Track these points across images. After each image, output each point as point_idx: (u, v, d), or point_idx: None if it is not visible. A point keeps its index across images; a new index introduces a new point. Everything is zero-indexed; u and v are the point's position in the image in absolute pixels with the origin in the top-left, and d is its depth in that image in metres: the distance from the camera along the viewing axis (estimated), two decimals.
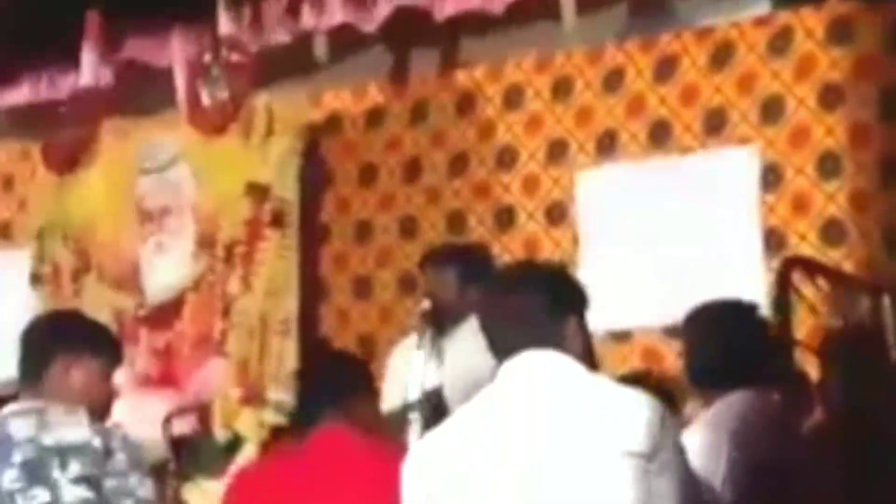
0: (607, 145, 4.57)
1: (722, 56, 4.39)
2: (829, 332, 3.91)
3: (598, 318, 4.33)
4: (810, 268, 3.94)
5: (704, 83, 4.40)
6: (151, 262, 5.25)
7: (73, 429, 3.02)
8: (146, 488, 3.05)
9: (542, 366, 2.51)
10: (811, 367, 3.84)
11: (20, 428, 3.05)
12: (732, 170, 4.27)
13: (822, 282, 3.92)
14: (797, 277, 3.85)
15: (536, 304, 2.53)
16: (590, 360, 2.62)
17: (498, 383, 2.53)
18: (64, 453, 2.98)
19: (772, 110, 4.27)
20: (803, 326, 3.85)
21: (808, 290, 3.89)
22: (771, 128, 4.26)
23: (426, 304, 3.90)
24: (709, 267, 4.17)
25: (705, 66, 4.41)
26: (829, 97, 4.18)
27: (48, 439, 3.00)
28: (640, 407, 2.45)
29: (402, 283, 4.80)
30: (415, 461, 2.57)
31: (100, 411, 3.20)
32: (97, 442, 3.00)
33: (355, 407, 3.17)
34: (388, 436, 3.38)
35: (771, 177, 4.23)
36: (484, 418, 2.52)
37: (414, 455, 2.59)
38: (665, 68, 4.49)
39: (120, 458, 3.02)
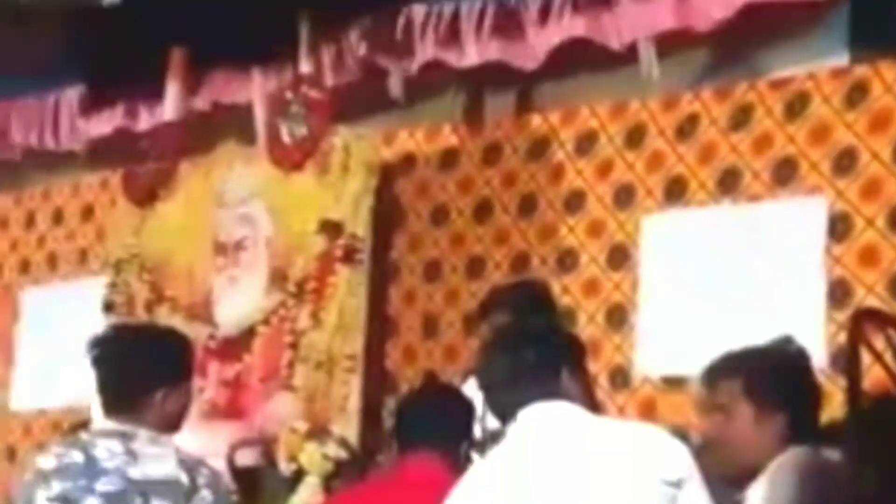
0: (676, 191, 4.56)
1: (796, 106, 4.37)
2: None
3: (654, 364, 4.44)
4: (883, 321, 3.88)
5: (777, 133, 4.38)
6: (224, 294, 5.32)
7: (160, 463, 3.03)
8: None
9: (554, 416, 2.61)
10: None
11: (107, 454, 3.07)
12: (800, 219, 4.25)
13: (894, 334, 3.85)
14: (868, 330, 3.79)
15: (528, 362, 2.66)
16: (590, 404, 2.71)
17: (518, 433, 2.62)
18: (148, 489, 2.99)
19: (844, 162, 4.23)
20: (868, 379, 3.80)
21: (879, 343, 3.83)
22: (842, 179, 4.22)
23: None
24: (770, 316, 4.12)
25: (779, 116, 4.40)
26: None
27: (135, 472, 3.01)
28: (665, 439, 2.58)
29: (467, 323, 4.81)
30: None
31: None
32: (183, 478, 3.01)
33: (458, 446, 3.20)
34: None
35: (840, 227, 4.19)
36: (511, 469, 2.60)
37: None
38: (739, 117, 4.49)
39: (204, 495, 3.02)
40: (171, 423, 3.20)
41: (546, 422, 2.60)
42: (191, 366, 3.32)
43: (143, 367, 3.18)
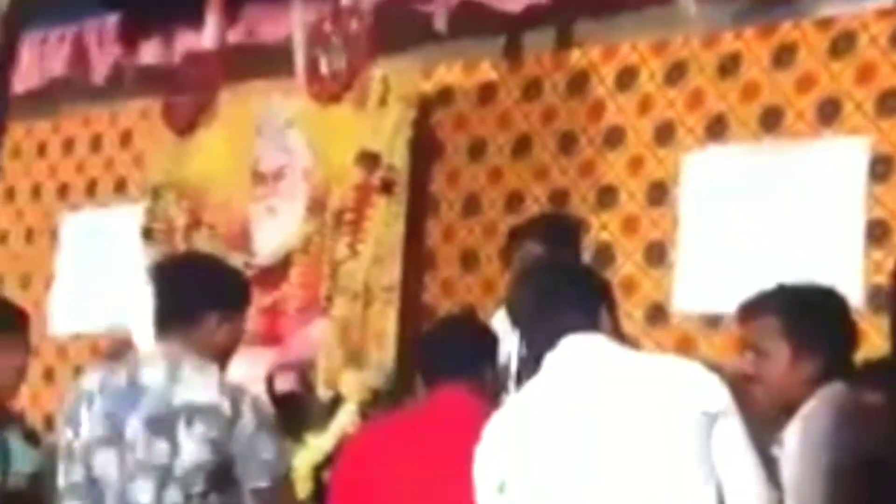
0: (716, 129, 4.57)
1: (841, 46, 4.35)
2: None
3: (691, 301, 4.47)
4: None
5: (821, 72, 4.37)
6: (262, 223, 5.36)
7: (203, 389, 3.06)
8: (270, 451, 3.10)
9: (594, 347, 2.63)
10: None
11: (150, 378, 3.12)
12: (842, 160, 4.25)
13: None
14: None
15: (568, 295, 2.66)
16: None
17: (556, 364, 2.63)
18: (191, 414, 3.02)
19: (888, 102, 4.23)
20: None
21: None
22: (886, 120, 4.22)
23: None
24: (808, 255, 4.16)
25: (824, 56, 4.38)
26: None
27: (178, 397, 3.05)
28: (702, 371, 2.60)
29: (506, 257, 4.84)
30: (490, 438, 2.65)
31: None
32: (226, 405, 3.04)
33: (482, 374, 3.23)
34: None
35: (881, 168, 4.19)
36: (553, 397, 2.61)
37: (489, 433, 2.66)
38: (782, 56, 4.47)
39: (247, 422, 3.06)
40: (221, 355, 3.22)
41: (584, 353, 2.61)
42: (246, 301, 3.34)
43: (199, 290, 3.21)
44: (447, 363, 3.24)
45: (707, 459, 2.49)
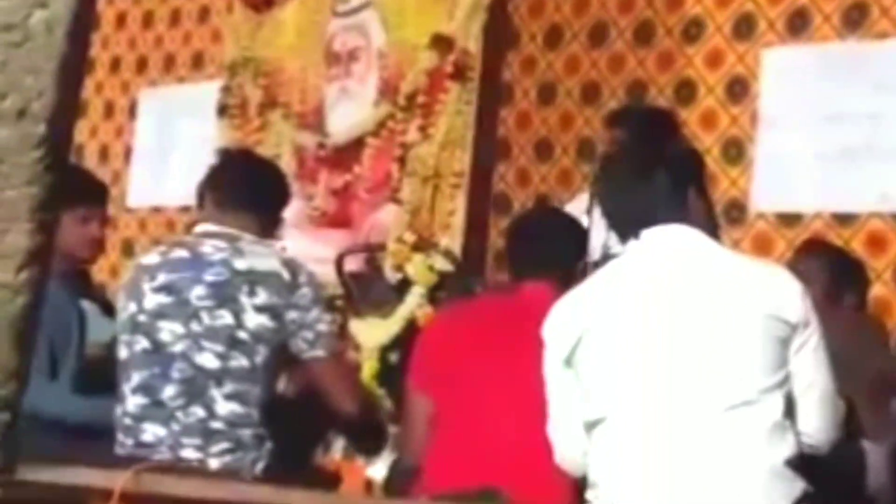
0: (798, 24, 4.48)
1: None
2: None
3: (768, 199, 4.43)
4: None
5: None
6: (335, 104, 5.38)
7: (265, 258, 3.12)
8: (325, 323, 3.17)
9: (677, 237, 2.58)
10: None
11: (212, 249, 3.18)
12: None
13: None
14: None
15: (657, 180, 2.60)
16: (712, 227, 2.67)
17: (637, 252, 2.60)
18: (253, 280, 3.07)
19: None
20: None
21: None
22: None
23: None
24: (889, 156, 4.10)
25: None
26: None
27: (240, 264, 3.10)
28: (787, 278, 2.55)
29: (581, 148, 4.83)
30: (562, 311, 2.65)
31: None
32: (286, 273, 3.10)
33: (572, 273, 3.25)
34: None
35: None
36: (628, 282, 2.59)
37: (562, 306, 2.66)
38: None
39: (305, 292, 3.11)
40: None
41: (666, 243, 2.58)
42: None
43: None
44: (541, 259, 3.22)
45: (778, 367, 2.45)
